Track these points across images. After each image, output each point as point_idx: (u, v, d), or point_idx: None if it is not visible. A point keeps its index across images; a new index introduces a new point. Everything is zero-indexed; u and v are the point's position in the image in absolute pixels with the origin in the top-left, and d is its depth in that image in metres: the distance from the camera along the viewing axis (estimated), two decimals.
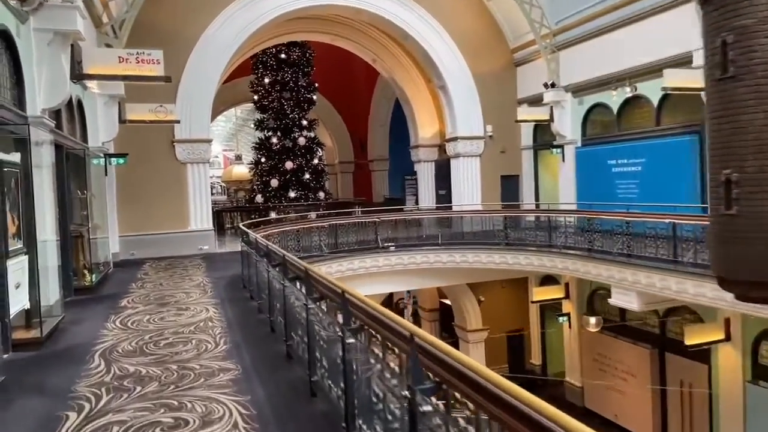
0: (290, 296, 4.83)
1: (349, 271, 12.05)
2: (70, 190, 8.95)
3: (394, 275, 12.68)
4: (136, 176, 12.89)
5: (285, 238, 11.09)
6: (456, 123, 15.92)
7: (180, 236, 13.21)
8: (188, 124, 13.19)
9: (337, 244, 12.13)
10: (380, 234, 12.52)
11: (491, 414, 1.61)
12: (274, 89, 21.32)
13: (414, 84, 18.17)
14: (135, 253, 12.89)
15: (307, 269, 4.14)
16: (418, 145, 18.41)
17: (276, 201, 20.89)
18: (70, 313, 7.14)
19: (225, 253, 13.37)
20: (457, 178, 16.26)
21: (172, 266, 11.40)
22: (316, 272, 4.10)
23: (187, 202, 13.37)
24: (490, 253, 12.28)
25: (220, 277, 9.74)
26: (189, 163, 13.37)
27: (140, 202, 12.99)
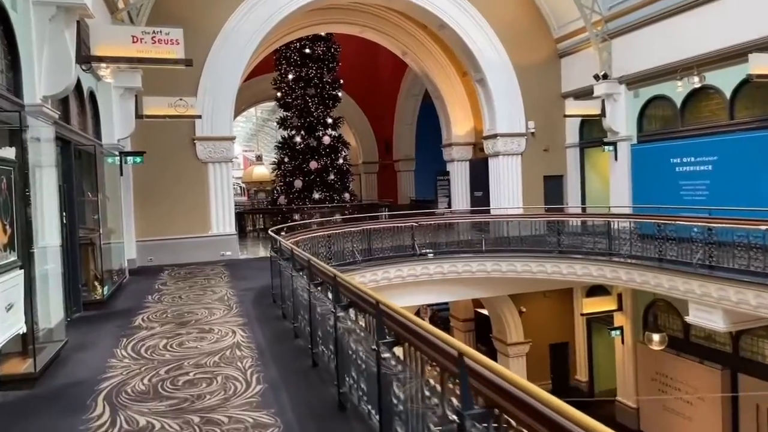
0: (343, 334, 3.74)
1: (384, 281, 10.95)
2: (82, 191, 8.02)
3: (433, 285, 11.54)
4: (154, 177, 11.97)
5: (315, 245, 10.02)
6: (495, 119, 14.72)
7: (201, 241, 12.25)
8: (210, 121, 12.23)
9: (371, 251, 11.04)
10: (417, 239, 11.39)
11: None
12: (297, 86, 20.32)
13: (447, 78, 17.02)
14: (153, 259, 11.97)
15: (378, 301, 3.03)
16: (451, 144, 17.25)
17: (300, 202, 19.90)
18: (75, 334, 6.15)
19: (249, 260, 12.38)
20: (495, 178, 15.05)
21: (192, 275, 10.42)
22: (387, 304, 2.99)
23: (209, 205, 12.41)
24: (541, 262, 11.06)
25: (245, 289, 8.71)
26: (210, 162, 12.40)
27: (158, 205, 12.07)
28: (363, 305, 3.43)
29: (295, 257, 5.67)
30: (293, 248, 5.81)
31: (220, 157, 12.43)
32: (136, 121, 10.39)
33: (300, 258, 5.51)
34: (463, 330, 17.45)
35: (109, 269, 8.76)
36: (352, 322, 3.74)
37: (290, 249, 5.95)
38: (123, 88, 9.88)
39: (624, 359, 13.71)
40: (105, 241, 8.58)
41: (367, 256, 10.95)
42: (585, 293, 14.57)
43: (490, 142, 15.04)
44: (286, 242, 6.55)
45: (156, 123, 11.30)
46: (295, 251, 5.75)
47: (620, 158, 13.39)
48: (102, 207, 8.67)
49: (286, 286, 6.58)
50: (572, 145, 15.28)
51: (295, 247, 5.84)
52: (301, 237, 9.46)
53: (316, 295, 4.71)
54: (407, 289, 11.31)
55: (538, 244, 11.52)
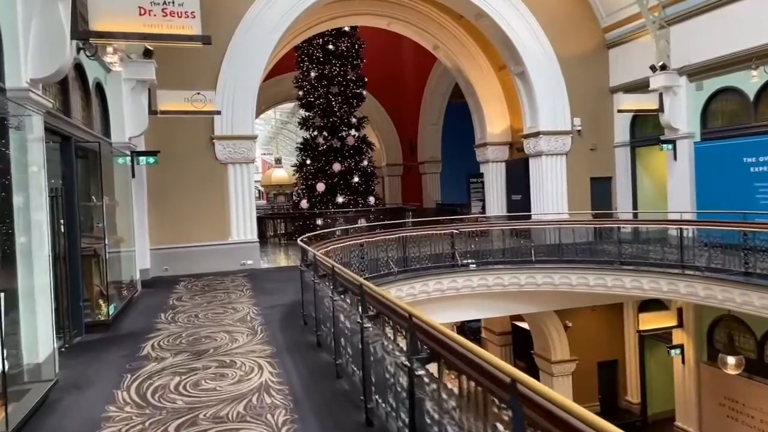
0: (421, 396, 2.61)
1: (422, 294, 9.80)
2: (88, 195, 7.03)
3: (476, 299, 10.36)
4: (169, 179, 11.00)
5: (348, 254, 8.92)
6: (538, 116, 13.49)
7: (220, 249, 11.24)
8: (230, 118, 11.23)
9: (406, 260, 9.90)
10: (457, 248, 10.23)
11: None
12: (320, 84, 19.31)
13: (481, 73, 15.84)
14: (168, 269, 10.98)
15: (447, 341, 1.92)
16: (485, 143, 16.04)
17: (322, 207, 18.86)
18: (70, 367, 5.12)
19: (272, 270, 11.32)
20: (537, 180, 13.80)
21: (210, 287, 9.40)
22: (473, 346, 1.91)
23: (228, 210, 11.40)
24: (600, 275, 9.80)
25: (271, 306, 7.63)
26: (230, 163, 11.39)
27: (174, 210, 11.09)
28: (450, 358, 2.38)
29: (337, 277, 4.55)
30: (334, 266, 4.69)
31: (240, 158, 11.42)
32: (150, 118, 9.40)
33: (344, 279, 4.39)
34: (499, 344, 16.20)
35: (117, 283, 7.75)
36: (431, 379, 2.62)
37: (330, 267, 4.83)
38: (134, 81, 8.91)
39: (684, 381, 12.34)
40: (112, 250, 7.58)
41: (403, 266, 9.82)
42: (638, 307, 13.25)
43: (531, 141, 13.81)
44: (322, 258, 5.45)
45: (171, 120, 10.33)
46: (336, 269, 4.63)
47: (680, 158, 12.06)
48: (109, 213, 7.68)
49: (320, 308, 5.48)
50: (622, 144, 13.96)
51: (338, 265, 4.72)
52: (333, 246, 8.36)
53: (371, 331, 3.59)
54: (447, 303, 10.15)
55: (594, 254, 10.26)
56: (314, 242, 8.52)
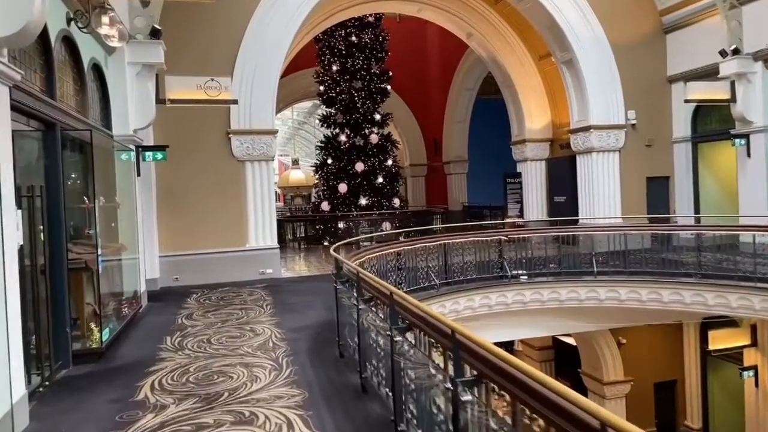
0: None
1: (467, 311, 8.51)
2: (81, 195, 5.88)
3: (527, 316, 9.04)
4: (180, 178, 9.87)
5: (384, 265, 7.65)
6: (588, 108, 12.11)
7: (236, 257, 10.07)
8: (247, 110, 10.06)
9: (448, 271, 8.61)
10: (506, 257, 8.91)
11: None
12: (343, 78, 18.13)
13: (519, 63, 14.50)
14: (179, 278, 9.85)
15: None
16: (524, 140, 14.68)
17: (344, 209, 17.66)
18: (43, 419, 3.94)
19: (294, 280, 10.10)
20: (586, 180, 12.42)
21: (225, 301, 8.21)
22: None
23: (246, 212, 10.23)
24: (675, 289, 8.41)
25: (296, 328, 6.40)
26: (248, 161, 10.22)
27: (186, 212, 9.95)
28: None
29: (398, 307, 3.29)
30: (393, 292, 3.42)
31: (259, 155, 10.23)
32: (157, 108, 8.26)
33: (414, 314, 3.13)
34: (538, 360, 14.80)
35: (116, 300, 6.58)
36: None
37: (384, 291, 3.58)
38: (140, 65, 7.77)
39: (758, 406, 10.86)
40: (110, 259, 6.43)
41: (445, 278, 8.53)
42: (700, 323, 11.80)
43: (580, 136, 12.42)
44: (370, 278, 4.19)
45: (182, 111, 9.21)
46: (396, 296, 3.36)
47: (756, 154, 10.61)
48: (109, 216, 6.53)
49: (364, 340, 4.23)
50: (682, 140, 12.51)
51: (398, 291, 3.46)
52: (368, 255, 7.11)
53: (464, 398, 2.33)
54: (495, 320, 8.84)
55: (668, 266, 8.85)
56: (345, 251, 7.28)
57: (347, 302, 4.87)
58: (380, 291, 3.77)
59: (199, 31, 9.19)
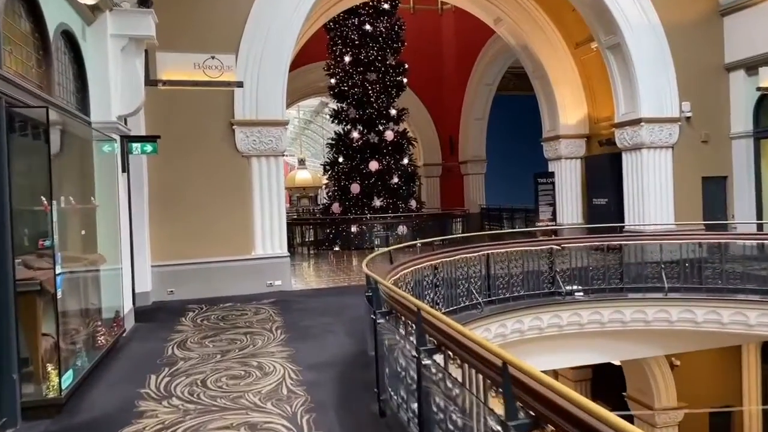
0: None
1: (514, 334, 7.15)
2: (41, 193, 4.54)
3: (585, 340, 7.67)
4: (175, 176, 8.56)
5: (420, 281, 6.28)
6: (638, 99, 10.71)
7: (240, 267, 8.73)
8: (254, 97, 8.72)
9: (491, 287, 7.24)
10: (558, 271, 7.53)
11: None
12: (356, 70, 16.78)
13: (553, 50, 13.13)
14: (174, 291, 8.52)
15: None
16: (557, 136, 13.31)
17: (357, 211, 16.32)
18: None
19: (307, 294, 8.74)
20: (635, 180, 11.02)
21: (227, 322, 6.87)
22: None
23: (251, 215, 8.89)
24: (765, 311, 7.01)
25: (317, 365, 5.03)
26: (255, 156, 8.88)
27: (183, 215, 8.62)
28: None
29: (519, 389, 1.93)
30: (508, 360, 2.06)
31: (267, 149, 8.89)
32: (148, 91, 6.94)
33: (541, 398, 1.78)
34: (573, 379, 13.38)
35: (86, 327, 5.23)
36: None
37: (499, 362, 2.22)
38: (126, 38, 6.44)
39: None
40: (77, 275, 5.10)
41: (487, 294, 7.16)
42: (761, 346, 10.40)
43: (627, 131, 11.02)
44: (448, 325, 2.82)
45: (178, 97, 7.91)
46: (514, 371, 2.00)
47: None
48: (77, 220, 5.20)
49: (429, 409, 2.86)
50: (742, 135, 11.09)
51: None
52: (402, 271, 5.73)
53: None
54: (546, 345, 7.47)
55: (754, 280, 7.46)
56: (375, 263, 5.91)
57: (394, 344, 3.51)
58: (472, 352, 2.40)
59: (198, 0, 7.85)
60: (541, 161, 21.74)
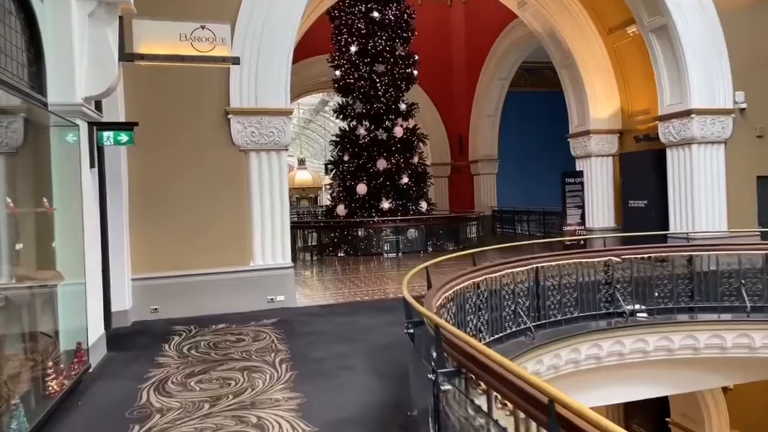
0: None
1: (569, 365, 5.91)
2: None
3: (650, 369, 6.40)
4: (160, 173, 7.30)
5: (462, 305, 4.99)
6: (688, 87, 9.48)
7: (236, 280, 7.45)
8: (253, 80, 7.45)
9: (540, 307, 5.98)
10: (617, 286, 6.28)
11: None
12: (362, 61, 15.53)
13: (583, 37, 11.89)
14: (158, 309, 7.24)
15: None
16: (587, 132, 12.08)
17: (364, 213, 15.06)
18: None
19: (315, 311, 7.45)
20: (682, 180, 9.80)
21: (220, 351, 5.60)
22: None
23: (250, 219, 7.62)
24: None
25: (337, 422, 3.76)
26: (254, 150, 7.61)
27: (167, 220, 7.36)
28: None
29: None
30: None
31: (269, 143, 7.62)
32: (125, 68, 5.67)
33: None
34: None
35: (31, 371, 3.95)
36: None
37: None
38: (94, 2, 5.17)
39: None
40: (21, 297, 3.82)
41: (536, 316, 5.91)
42: None
43: (674, 124, 9.78)
44: None
45: (162, 76, 6.67)
46: None
47: None
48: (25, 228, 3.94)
49: None
50: None
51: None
52: (444, 294, 4.46)
53: None
54: (604, 376, 6.21)
55: None
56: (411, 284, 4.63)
57: (471, 427, 2.24)
58: None
59: None
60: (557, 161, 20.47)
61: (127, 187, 7.07)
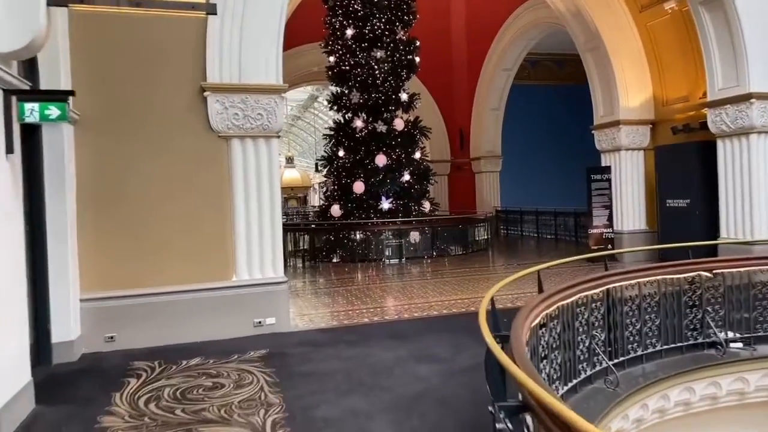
0: None
1: (654, 416, 4.47)
2: None
3: (748, 411, 4.99)
4: (118, 164, 5.76)
5: (536, 347, 3.54)
6: (747, 68, 8.15)
7: (214, 299, 5.93)
8: (235, 50, 5.94)
9: (614, 339, 4.54)
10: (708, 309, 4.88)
11: None
12: (359, 46, 14.04)
13: (612, 15, 10.55)
14: (115, 337, 5.70)
15: None
16: (617, 122, 10.73)
17: (361, 214, 13.59)
18: None
19: (313, 340, 5.92)
20: (737, 176, 8.48)
21: (189, 406, 4.08)
22: None
23: (232, 223, 6.10)
24: None
25: None
26: (237, 137, 6.09)
27: (128, 224, 5.82)
28: None
29: None
30: None
31: (256, 128, 6.11)
32: (54, 15, 4.12)
33: None
34: None
35: None
36: None
37: None
38: None
39: None
40: None
41: (610, 352, 4.47)
42: None
43: (729, 110, 8.44)
44: None
45: (118, 39, 5.12)
46: None
47: None
48: None
49: None
50: None
51: None
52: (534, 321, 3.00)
53: None
54: (690, 424, 4.79)
55: None
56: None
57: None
58: None
59: None
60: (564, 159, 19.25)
61: (73, 183, 5.52)
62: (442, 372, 4.66)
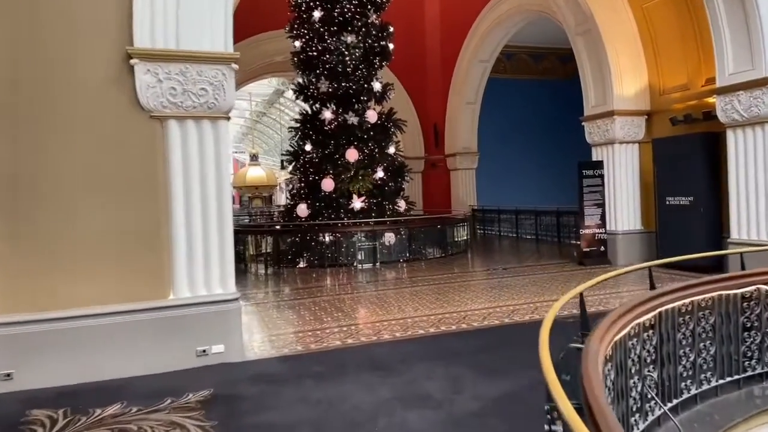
0: None
1: None
2: None
3: None
4: (16, 152, 4.41)
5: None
6: (764, 50, 7.30)
7: (145, 322, 4.65)
8: (172, 6, 4.66)
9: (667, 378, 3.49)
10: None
11: None
12: (328, 30, 12.83)
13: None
14: (13, 374, 4.35)
15: None
16: (611, 112, 9.84)
17: (330, 214, 12.39)
18: None
19: (272, 372, 4.67)
20: (749, 171, 7.64)
21: None
22: None
23: (167, 226, 4.81)
24: None
25: None
26: (174, 117, 4.80)
27: (31, 228, 4.47)
28: None
29: None
30: None
31: (199, 106, 4.84)
32: None
33: None
34: None
35: None
36: None
37: None
38: None
39: None
40: None
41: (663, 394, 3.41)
42: None
43: (741, 97, 7.59)
44: None
45: None
46: None
47: None
48: None
49: None
50: None
51: None
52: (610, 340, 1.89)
53: None
54: None
55: None
56: None
57: None
58: None
59: None
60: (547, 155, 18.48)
61: None
62: (440, 422, 3.54)
